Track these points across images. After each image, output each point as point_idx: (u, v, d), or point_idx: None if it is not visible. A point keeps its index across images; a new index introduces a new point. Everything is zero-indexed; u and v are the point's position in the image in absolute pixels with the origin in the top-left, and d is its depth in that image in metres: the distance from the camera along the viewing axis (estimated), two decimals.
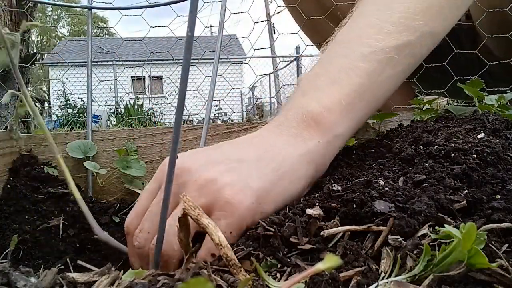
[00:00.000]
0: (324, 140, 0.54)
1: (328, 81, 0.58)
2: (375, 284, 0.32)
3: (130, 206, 0.77)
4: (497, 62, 0.85)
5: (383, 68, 0.58)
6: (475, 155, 0.48)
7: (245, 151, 0.52)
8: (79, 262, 0.55)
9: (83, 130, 0.87)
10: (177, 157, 0.36)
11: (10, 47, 0.41)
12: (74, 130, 2.30)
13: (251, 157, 0.51)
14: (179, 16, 1.13)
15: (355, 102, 0.56)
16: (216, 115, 6.98)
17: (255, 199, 0.46)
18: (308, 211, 0.41)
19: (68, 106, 8.25)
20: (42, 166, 0.79)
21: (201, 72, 1.49)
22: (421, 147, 0.54)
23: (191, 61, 0.33)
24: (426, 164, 0.48)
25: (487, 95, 0.76)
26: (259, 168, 0.49)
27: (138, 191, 0.79)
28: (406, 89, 1.08)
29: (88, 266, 0.53)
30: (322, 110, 0.55)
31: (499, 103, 0.74)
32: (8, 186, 0.72)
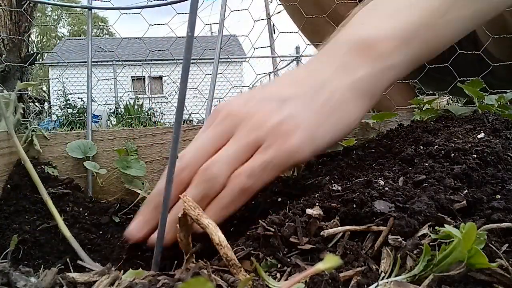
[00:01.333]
0: (376, 69, 0.51)
1: (387, 13, 0.55)
2: (375, 284, 0.32)
3: (130, 206, 0.77)
4: (498, 64, 0.85)
5: (447, 8, 0.54)
6: (475, 155, 0.47)
7: (293, 88, 0.50)
8: (79, 262, 0.55)
9: (83, 130, 0.87)
10: (177, 157, 0.36)
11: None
12: (74, 130, 2.30)
13: (299, 93, 0.49)
14: (178, 14, 1.13)
15: (414, 37, 0.53)
16: None
17: (306, 138, 0.47)
18: (308, 211, 0.41)
19: (68, 106, 8.23)
20: (42, 166, 0.79)
21: (202, 71, 1.49)
22: (421, 147, 0.53)
23: (191, 60, 0.33)
24: (426, 164, 0.48)
25: (486, 95, 0.76)
26: (308, 105, 0.48)
27: (138, 191, 0.79)
28: (407, 89, 1.08)
29: (88, 266, 0.53)
30: (377, 36, 0.52)
31: (499, 103, 0.74)
32: (8, 186, 0.72)
